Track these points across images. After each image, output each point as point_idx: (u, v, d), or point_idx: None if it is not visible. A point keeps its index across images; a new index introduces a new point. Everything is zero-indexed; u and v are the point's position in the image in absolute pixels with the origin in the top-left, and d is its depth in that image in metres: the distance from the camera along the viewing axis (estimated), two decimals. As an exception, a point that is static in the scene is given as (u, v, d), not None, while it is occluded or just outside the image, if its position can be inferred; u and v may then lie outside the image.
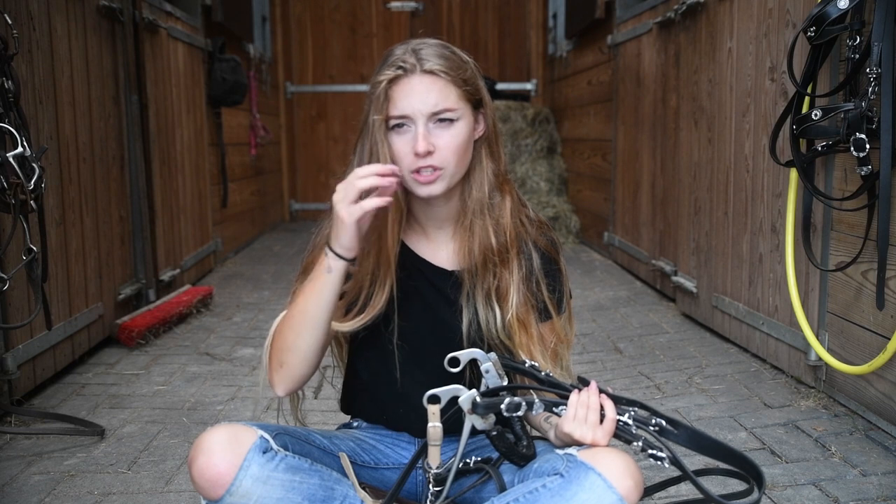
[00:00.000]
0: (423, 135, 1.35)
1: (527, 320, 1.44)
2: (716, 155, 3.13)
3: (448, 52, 1.40)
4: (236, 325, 3.52)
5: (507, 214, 1.44)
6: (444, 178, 1.39)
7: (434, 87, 1.36)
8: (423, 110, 1.36)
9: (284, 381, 1.42)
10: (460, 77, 1.38)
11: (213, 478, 1.25)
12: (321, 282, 1.35)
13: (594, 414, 1.27)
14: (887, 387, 2.11)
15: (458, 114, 1.38)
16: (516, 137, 5.96)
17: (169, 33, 3.94)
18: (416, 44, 1.40)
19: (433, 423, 1.31)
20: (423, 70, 1.36)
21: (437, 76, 1.36)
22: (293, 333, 1.38)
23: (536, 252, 1.47)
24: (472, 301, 1.44)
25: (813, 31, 2.10)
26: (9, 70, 2.05)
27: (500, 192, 1.45)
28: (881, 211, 2.01)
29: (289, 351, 1.39)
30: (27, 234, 2.06)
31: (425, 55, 1.37)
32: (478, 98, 1.42)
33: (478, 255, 1.43)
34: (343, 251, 1.33)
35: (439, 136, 1.37)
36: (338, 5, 6.88)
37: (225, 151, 4.87)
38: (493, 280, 1.43)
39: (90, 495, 1.94)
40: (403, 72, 1.36)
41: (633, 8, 4.40)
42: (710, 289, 3.20)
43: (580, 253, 5.27)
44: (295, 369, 1.40)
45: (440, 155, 1.37)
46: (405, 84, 1.36)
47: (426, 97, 1.36)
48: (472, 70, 1.42)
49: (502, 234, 1.43)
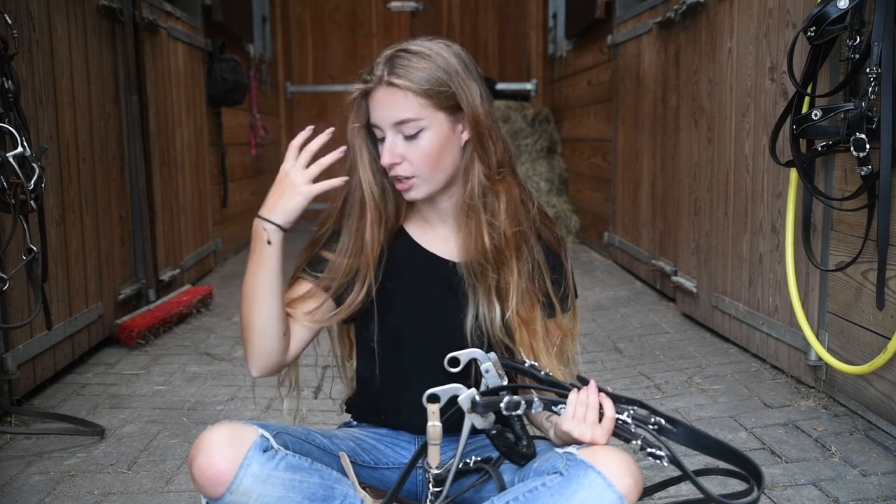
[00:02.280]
0: (388, 147, 1.39)
1: (530, 318, 1.44)
2: (716, 155, 3.13)
3: (423, 63, 1.38)
4: (236, 325, 3.51)
5: (501, 214, 1.43)
6: (421, 185, 1.42)
7: (394, 101, 1.37)
8: (387, 122, 1.39)
9: (251, 357, 1.43)
10: (424, 88, 1.37)
11: (213, 476, 1.25)
12: (262, 255, 1.39)
13: (593, 412, 1.27)
14: (887, 387, 2.11)
15: (423, 123, 1.38)
16: (516, 137, 5.96)
17: (169, 33, 3.94)
18: (396, 50, 1.40)
19: (433, 423, 1.31)
20: (386, 82, 1.38)
21: (397, 88, 1.37)
22: (246, 309, 1.41)
23: (541, 247, 1.48)
24: (474, 295, 1.45)
25: (813, 31, 2.10)
26: (9, 70, 2.05)
27: (493, 192, 1.44)
28: (881, 211, 2.01)
29: (246, 327, 1.42)
30: (27, 234, 2.06)
31: (396, 65, 1.38)
32: (454, 103, 1.39)
33: (474, 254, 1.44)
34: (282, 220, 1.39)
35: (409, 147, 1.39)
36: (338, 5, 6.88)
37: (225, 151, 4.87)
38: (493, 277, 1.44)
39: (90, 495, 1.94)
40: (369, 84, 1.39)
41: (633, 8, 4.40)
42: (710, 289, 3.20)
43: (580, 253, 5.27)
44: (256, 344, 1.42)
45: (410, 165, 1.40)
46: (374, 95, 1.40)
47: (388, 111, 1.38)
48: (452, 75, 1.38)
49: (497, 234, 1.43)
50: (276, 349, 1.43)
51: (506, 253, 1.44)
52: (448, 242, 1.50)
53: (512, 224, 1.44)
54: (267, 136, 5.91)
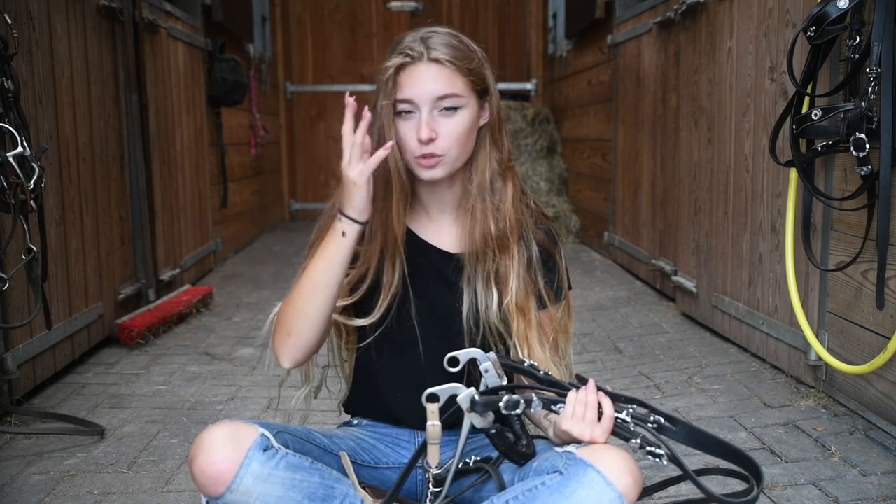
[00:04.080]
0: (426, 121, 1.39)
1: (525, 307, 1.46)
2: (716, 155, 3.13)
3: (456, 42, 1.43)
4: (236, 325, 3.52)
5: (508, 201, 1.47)
6: (446, 163, 1.42)
7: (440, 76, 1.39)
8: (428, 97, 1.39)
9: (290, 350, 1.42)
10: (466, 66, 1.41)
11: (213, 475, 1.25)
12: (334, 245, 1.38)
13: (592, 411, 1.27)
14: (887, 387, 2.11)
15: (463, 101, 1.41)
16: (516, 137, 5.96)
17: (169, 33, 3.94)
18: (425, 32, 1.43)
19: (432, 422, 1.31)
20: (430, 58, 1.39)
21: (443, 65, 1.39)
22: (303, 299, 1.40)
23: (535, 240, 1.49)
24: (472, 284, 1.47)
25: (813, 30, 2.10)
26: (9, 70, 2.05)
27: (502, 179, 1.48)
28: (881, 211, 2.01)
29: (298, 317, 1.40)
30: (27, 233, 2.06)
31: (434, 44, 1.40)
32: (483, 87, 1.46)
33: (479, 239, 1.45)
34: (356, 214, 1.36)
35: (443, 124, 1.40)
36: (338, 5, 6.88)
37: (225, 151, 4.87)
38: (492, 264, 1.45)
39: (90, 495, 1.94)
40: (411, 59, 1.39)
41: (633, 8, 4.40)
42: (709, 289, 3.20)
43: (580, 253, 5.27)
44: (303, 337, 1.41)
45: (442, 142, 1.40)
46: (412, 71, 1.39)
47: (432, 85, 1.39)
48: (479, 59, 1.45)
49: (503, 220, 1.46)
50: (318, 342, 1.44)
51: (509, 238, 1.46)
52: (447, 233, 1.51)
53: (516, 212, 1.47)
54: (267, 136, 5.91)
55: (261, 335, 3.33)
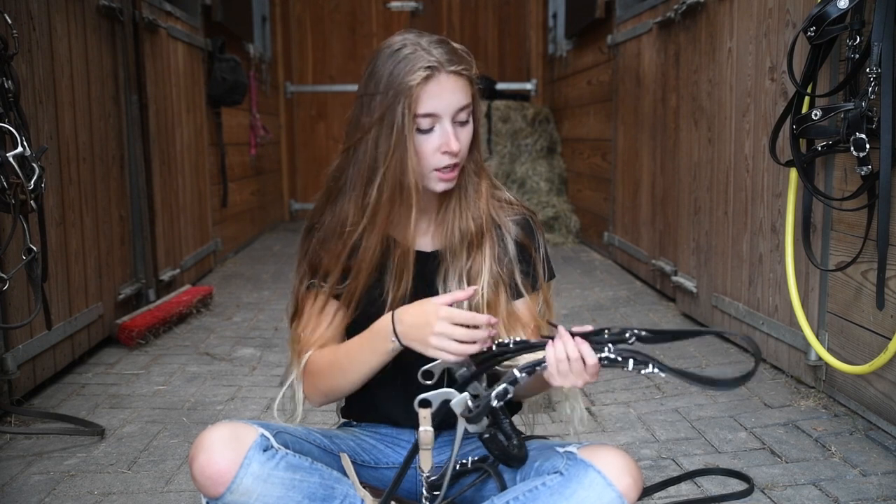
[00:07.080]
0: (453, 133, 1.38)
1: (494, 301, 1.44)
2: (716, 155, 3.13)
3: (460, 49, 1.42)
4: (236, 325, 3.52)
5: (483, 197, 1.47)
6: (458, 173, 1.42)
7: (458, 86, 1.38)
8: (452, 109, 1.38)
9: (323, 401, 1.51)
10: (472, 75, 1.41)
11: (213, 475, 1.25)
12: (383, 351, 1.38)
13: (576, 363, 1.23)
14: (887, 387, 2.11)
15: (472, 110, 1.41)
16: (516, 137, 5.97)
17: (169, 33, 3.94)
18: (426, 42, 1.39)
19: (424, 428, 1.31)
20: (449, 70, 1.36)
21: (459, 75, 1.38)
22: (344, 380, 1.44)
23: (508, 233, 1.48)
24: (447, 282, 1.46)
25: (813, 30, 2.10)
26: (9, 70, 2.05)
27: (476, 176, 1.48)
28: (881, 211, 2.01)
29: (337, 390, 1.47)
30: (27, 233, 2.05)
31: (451, 51, 1.39)
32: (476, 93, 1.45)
33: (456, 238, 1.45)
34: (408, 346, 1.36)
35: (460, 133, 1.40)
36: (338, 5, 6.88)
37: (225, 151, 4.87)
38: (466, 262, 1.45)
39: (90, 495, 1.94)
40: (433, 71, 1.35)
41: (633, 8, 4.40)
42: (709, 289, 3.20)
43: (580, 253, 5.27)
44: (334, 397, 1.50)
45: (462, 152, 1.40)
46: (434, 84, 1.36)
47: (454, 96, 1.37)
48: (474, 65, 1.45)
49: (479, 216, 1.46)
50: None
51: (483, 234, 1.45)
52: (426, 235, 1.50)
53: (489, 207, 1.47)
54: (267, 136, 5.91)
55: (261, 335, 3.33)
